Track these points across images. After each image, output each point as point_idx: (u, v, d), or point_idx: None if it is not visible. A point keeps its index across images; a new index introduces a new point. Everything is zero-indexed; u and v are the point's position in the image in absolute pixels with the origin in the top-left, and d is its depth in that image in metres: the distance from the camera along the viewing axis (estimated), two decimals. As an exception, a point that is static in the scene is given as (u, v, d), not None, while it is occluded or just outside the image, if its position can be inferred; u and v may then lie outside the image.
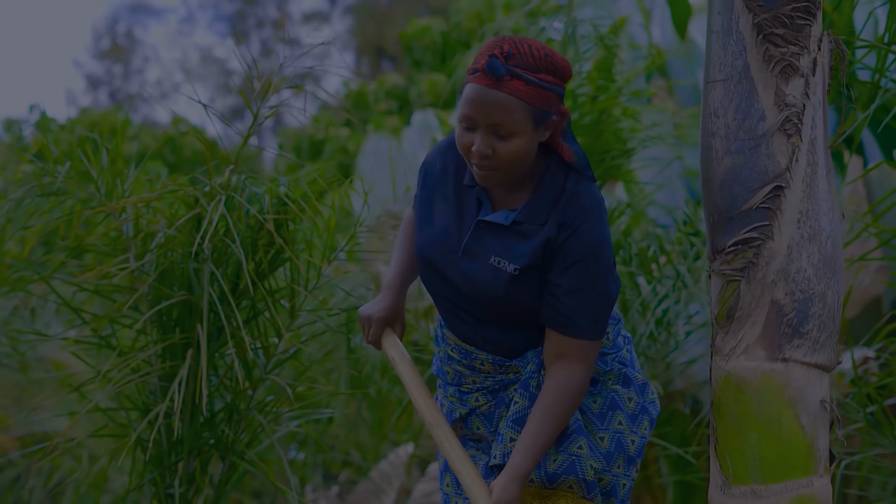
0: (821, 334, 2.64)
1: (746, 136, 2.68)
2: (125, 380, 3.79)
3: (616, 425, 2.75)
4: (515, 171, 2.64)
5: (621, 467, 2.75)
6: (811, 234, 2.65)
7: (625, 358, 2.82)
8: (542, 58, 2.56)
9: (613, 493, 2.74)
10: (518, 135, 2.56)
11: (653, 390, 2.85)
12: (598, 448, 2.73)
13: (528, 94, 2.54)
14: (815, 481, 2.61)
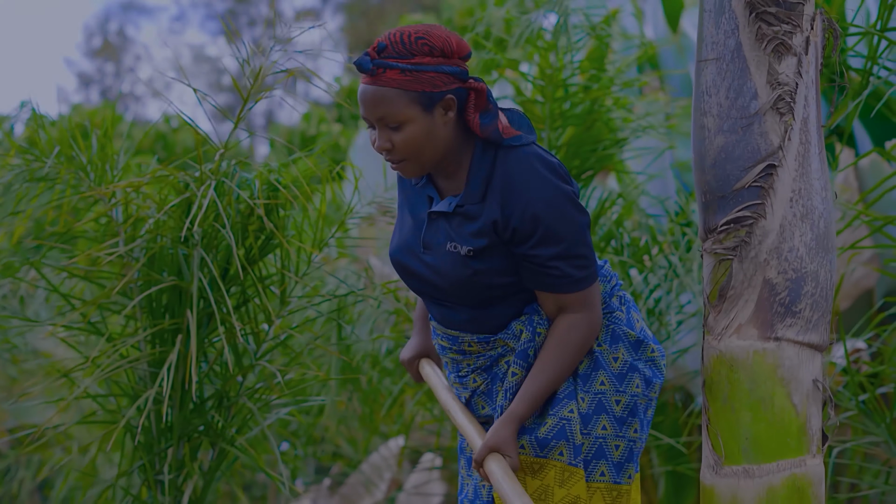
0: (813, 313, 2.63)
1: (739, 115, 2.67)
2: (114, 366, 3.77)
3: (598, 386, 2.68)
4: (430, 158, 2.65)
5: (608, 428, 2.67)
6: (804, 212, 2.64)
7: (618, 318, 2.75)
8: (414, 42, 2.57)
9: (602, 456, 2.66)
10: (408, 122, 2.58)
11: (653, 348, 2.75)
12: (578, 408, 2.68)
13: (404, 81, 2.55)
14: (808, 461, 2.60)
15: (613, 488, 2.66)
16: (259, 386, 3.95)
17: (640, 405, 2.71)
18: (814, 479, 2.61)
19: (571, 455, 2.65)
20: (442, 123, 2.62)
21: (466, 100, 2.64)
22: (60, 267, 3.95)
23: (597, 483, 2.66)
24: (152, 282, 3.78)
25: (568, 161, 5.39)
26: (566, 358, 2.65)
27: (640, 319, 2.79)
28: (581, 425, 2.66)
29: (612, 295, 2.77)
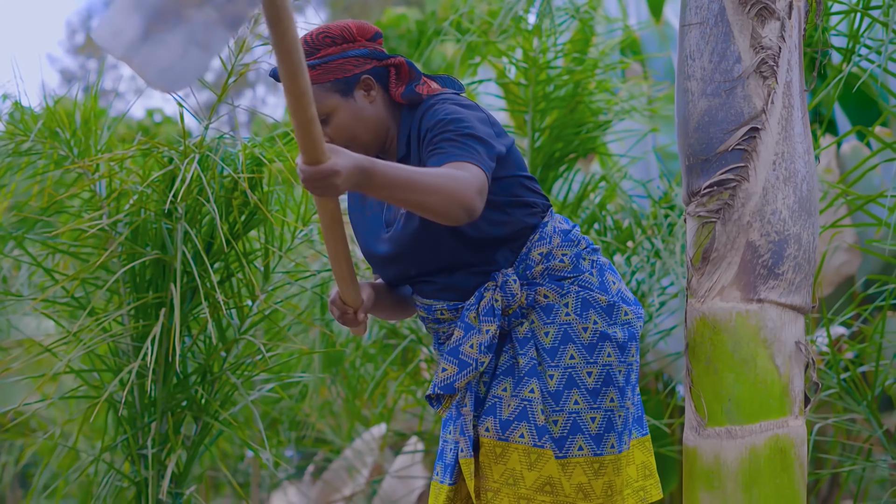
0: (796, 276, 2.65)
1: (722, 79, 2.69)
2: (96, 340, 3.76)
3: (567, 360, 2.64)
4: (367, 139, 2.72)
5: (580, 402, 2.61)
6: (786, 175, 2.66)
7: (590, 282, 2.69)
8: (316, 38, 2.68)
9: (578, 431, 2.61)
10: (333, 113, 2.68)
11: (626, 310, 2.69)
12: (547, 386, 2.63)
13: (316, 76, 2.66)
14: (791, 422, 2.62)
15: (595, 460, 2.61)
16: (243, 361, 3.94)
17: (617, 373, 2.65)
18: (796, 440, 2.62)
19: (535, 436, 2.62)
20: (367, 103, 2.71)
21: (388, 76, 2.72)
22: (43, 241, 3.94)
23: (575, 458, 2.61)
24: (136, 255, 3.78)
25: (551, 144, 5.41)
26: (435, 182, 2.41)
27: (616, 281, 2.74)
28: (552, 402, 2.62)
29: (581, 258, 2.72)
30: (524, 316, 2.69)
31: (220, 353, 3.91)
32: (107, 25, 1.96)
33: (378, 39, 2.74)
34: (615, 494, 2.64)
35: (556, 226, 2.74)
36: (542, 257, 2.69)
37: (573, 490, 2.61)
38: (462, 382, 2.63)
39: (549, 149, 5.40)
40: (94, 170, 3.85)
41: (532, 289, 2.68)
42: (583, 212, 5.43)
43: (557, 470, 2.61)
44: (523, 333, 2.67)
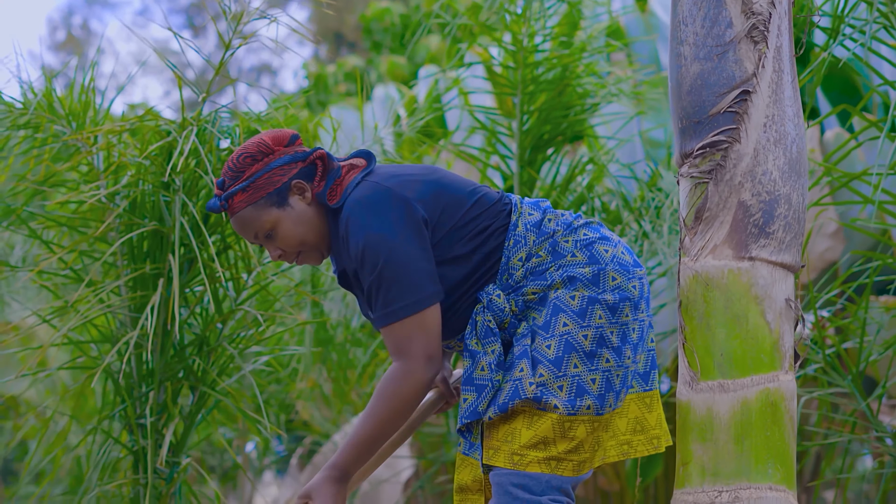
0: (786, 235, 2.72)
1: (714, 43, 2.76)
2: (94, 310, 3.81)
3: (561, 328, 2.70)
4: (315, 240, 2.82)
5: (579, 365, 2.68)
6: (777, 138, 2.73)
7: (573, 262, 2.75)
8: (238, 162, 2.76)
9: (584, 392, 2.67)
10: (276, 226, 2.77)
11: (614, 275, 2.74)
12: (546, 356, 2.69)
13: (249, 197, 2.75)
14: (781, 376, 2.69)
15: (595, 419, 2.69)
16: (239, 333, 4.00)
17: (609, 334, 2.71)
18: (786, 394, 2.69)
19: (534, 401, 2.68)
20: (305, 206, 2.78)
21: (315, 173, 2.81)
22: (42, 215, 3.99)
23: (582, 416, 2.68)
24: (134, 227, 3.83)
25: (539, 126, 5.48)
26: (382, 409, 2.67)
27: (609, 248, 2.79)
28: (554, 369, 2.67)
29: (558, 244, 2.78)
30: (522, 320, 2.76)
31: (216, 324, 3.97)
32: None
33: (297, 141, 2.82)
34: (599, 448, 2.73)
35: (527, 221, 2.79)
36: (521, 262, 2.76)
37: (566, 449, 2.68)
38: (484, 405, 2.71)
39: (538, 131, 5.47)
40: (93, 143, 3.90)
41: (519, 293, 2.75)
42: (571, 194, 5.50)
43: (554, 432, 2.67)
44: (521, 332, 2.74)
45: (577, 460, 2.70)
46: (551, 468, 2.67)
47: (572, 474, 2.69)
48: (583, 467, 2.71)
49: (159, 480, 3.84)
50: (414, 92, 8.65)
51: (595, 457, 2.73)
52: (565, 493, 2.70)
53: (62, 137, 3.91)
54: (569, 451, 2.68)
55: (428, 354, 2.68)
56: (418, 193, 2.74)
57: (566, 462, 2.68)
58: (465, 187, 2.82)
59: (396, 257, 2.67)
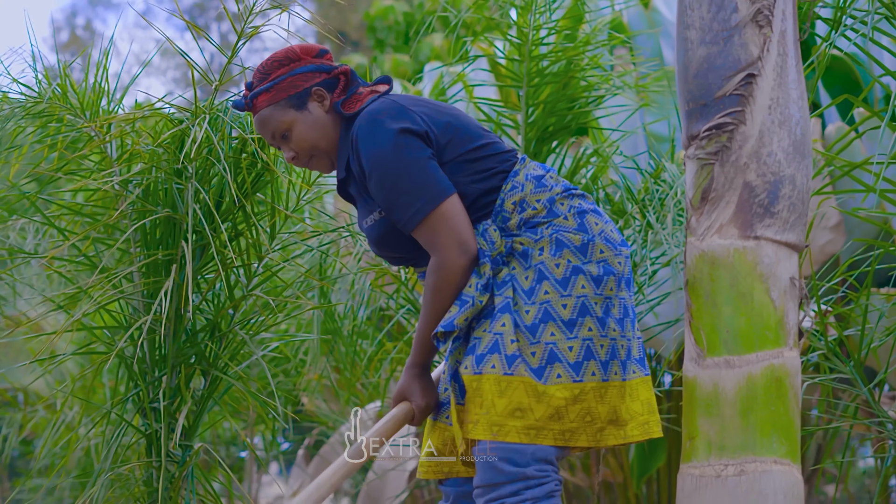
0: (790, 215, 2.78)
1: (720, 28, 2.82)
2: (107, 296, 3.87)
3: (542, 296, 2.75)
4: (327, 147, 3.00)
5: (556, 333, 2.72)
6: (781, 120, 2.80)
7: (562, 226, 2.81)
8: (267, 65, 3.01)
9: (556, 360, 2.71)
10: (292, 127, 2.98)
11: (602, 248, 2.81)
12: (524, 321, 2.75)
13: (271, 97, 2.98)
14: (786, 353, 2.75)
15: (574, 387, 2.71)
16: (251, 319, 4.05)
17: (593, 304, 2.75)
18: (790, 370, 2.76)
19: (504, 365, 2.73)
20: (323, 113, 2.98)
21: (338, 87, 3.00)
22: (56, 202, 4.05)
23: (554, 385, 2.71)
24: (147, 213, 3.89)
25: (544, 119, 5.54)
26: (431, 301, 2.83)
27: (599, 223, 2.85)
28: (529, 336, 2.73)
29: (556, 202, 2.84)
30: (505, 263, 2.83)
31: (228, 310, 4.03)
32: None
33: (325, 55, 3.02)
34: (597, 421, 2.74)
35: (529, 172, 2.88)
36: (515, 206, 2.84)
37: (545, 416, 2.70)
38: (461, 319, 2.78)
39: (543, 123, 5.53)
40: (106, 132, 3.96)
41: (509, 239, 2.83)
42: (575, 185, 5.55)
43: (528, 397, 2.70)
44: (502, 278, 2.81)
45: (559, 429, 2.71)
46: (531, 438, 2.70)
47: (554, 443, 2.71)
48: (570, 438, 2.72)
49: (172, 463, 3.89)
50: (419, 88, 8.71)
51: (588, 430, 2.73)
52: (550, 463, 2.73)
53: (76, 126, 3.96)
54: (549, 419, 2.70)
55: (458, 242, 2.79)
56: (430, 118, 2.88)
57: (546, 431, 2.70)
58: (479, 129, 2.95)
59: (407, 161, 2.81)
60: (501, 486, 2.71)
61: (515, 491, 2.69)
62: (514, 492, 2.70)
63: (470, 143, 2.90)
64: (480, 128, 2.96)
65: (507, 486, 2.70)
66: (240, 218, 4.03)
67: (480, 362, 2.75)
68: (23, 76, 4.13)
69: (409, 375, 2.90)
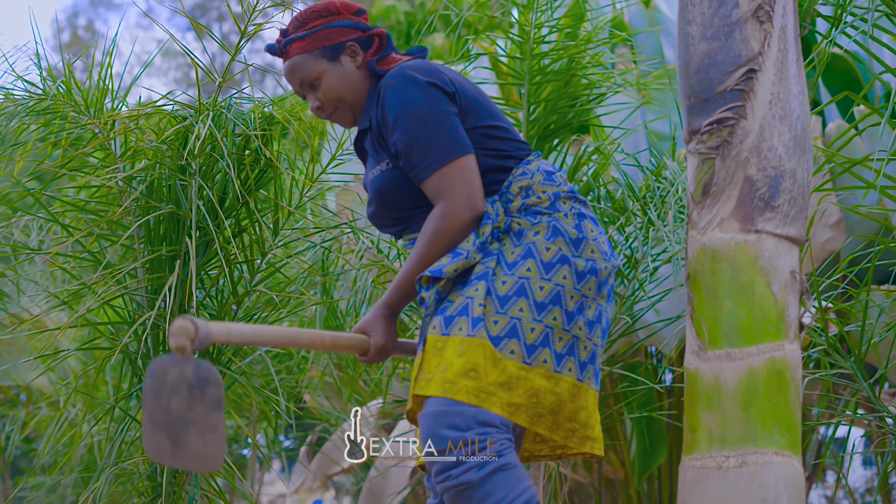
0: (791, 208, 2.80)
1: (721, 23, 2.84)
2: (111, 292, 3.89)
3: (523, 271, 2.76)
4: (353, 101, 3.03)
5: (525, 311, 2.72)
6: (782, 114, 2.81)
7: (563, 222, 2.83)
8: (305, 14, 3.04)
9: (514, 335, 2.70)
10: (322, 77, 3.01)
11: (594, 248, 2.83)
12: (497, 291, 2.74)
13: (305, 45, 3.00)
14: (786, 345, 2.77)
15: (522, 367, 2.69)
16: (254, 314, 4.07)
17: (568, 297, 2.75)
18: (791, 363, 2.77)
19: (469, 326, 2.71)
20: (354, 68, 3.03)
21: (370, 46, 3.05)
22: (60, 198, 4.07)
23: (507, 358, 2.69)
24: (151, 210, 3.91)
25: (546, 116, 5.56)
26: (425, 247, 2.82)
27: (594, 230, 2.87)
28: (498, 305, 2.72)
29: (560, 198, 2.87)
30: (498, 240, 2.84)
31: (231, 306, 4.05)
32: (150, 447, 2.54)
33: (362, 15, 3.07)
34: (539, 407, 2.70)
35: (541, 166, 2.91)
36: (520, 190, 2.86)
37: (497, 382, 2.67)
38: (451, 268, 2.78)
39: (545, 121, 5.55)
40: (110, 128, 3.98)
41: (509, 218, 2.85)
42: (577, 183, 5.58)
43: (485, 360, 2.68)
44: (491, 249, 2.82)
45: (507, 400, 2.68)
46: (479, 400, 2.65)
47: (500, 412, 2.66)
48: (514, 413, 2.68)
49: (176, 458, 3.91)
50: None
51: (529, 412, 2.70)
52: (491, 426, 2.66)
53: (80, 123, 3.99)
54: (499, 386, 2.67)
55: (468, 195, 2.81)
56: (459, 84, 2.94)
57: (495, 398, 2.66)
58: (500, 113, 3.00)
59: (434, 112, 2.84)
60: (443, 454, 2.65)
61: (456, 460, 2.64)
62: (455, 461, 2.64)
63: (490, 119, 2.95)
64: (501, 113, 3.01)
65: (448, 455, 2.65)
66: (243, 214, 4.05)
67: (449, 324, 2.74)
68: (27, 74, 4.16)
69: (376, 313, 2.89)
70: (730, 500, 2.69)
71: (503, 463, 2.64)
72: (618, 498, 7.30)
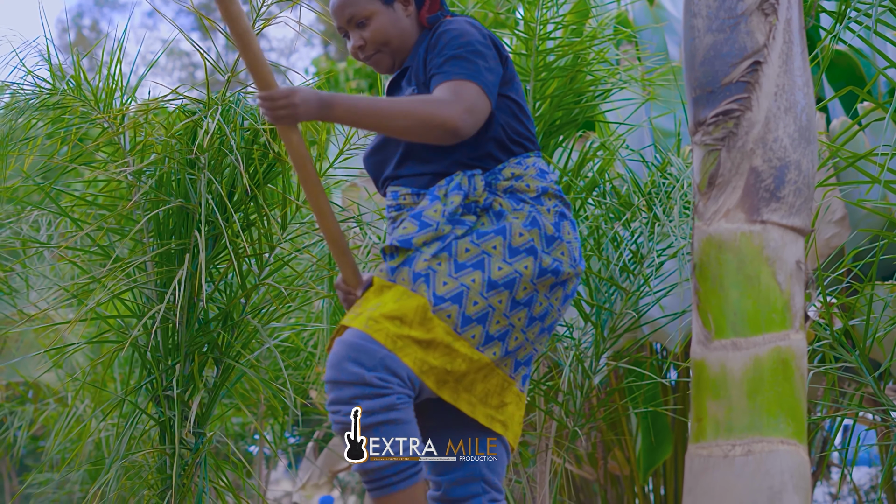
0: (796, 199, 2.83)
1: (726, 16, 2.87)
2: (121, 285, 3.92)
3: (489, 247, 2.75)
4: (397, 48, 3.00)
5: (476, 283, 2.69)
6: (787, 106, 2.84)
7: (544, 217, 2.83)
8: None
9: (458, 301, 2.68)
10: (373, 16, 2.96)
11: (564, 251, 2.82)
12: (457, 257, 2.73)
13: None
14: (792, 335, 2.79)
15: (451, 333, 2.67)
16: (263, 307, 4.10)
17: (521, 286, 2.74)
18: (797, 352, 2.80)
19: (410, 281, 2.69)
20: (404, 16, 3.01)
21: (423, 2, 3.04)
22: (69, 192, 4.10)
23: (439, 321, 2.67)
24: (160, 204, 3.94)
25: (552, 113, 5.58)
26: (404, 107, 2.73)
27: (571, 233, 2.87)
28: (452, 270, 2.70)
29: (546, 194, 2.87)
30: (476, 215, 2.82)
31: (240, 299, 4.08)
32: None
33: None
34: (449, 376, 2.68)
35: (538, 163, 2.92)
36: (511, 176, 2.86)
37: (417, 338, 2.63)
38: (419, 239, 2.75)
39: (550, 117, 5.57)
40: (119, 123, 4.02)
41: (492, 195, 2.84)
42: (582, 179, 5.61)
43: (415, 314, 2.65)
44: (466, 220, 2.79)
45: (423, 357, 2.63)
46: (395, 347, 2.60)
47: (412, 365, 2.61)
48: (427, 373, 2.64)
49: (185, 451, 3.94)
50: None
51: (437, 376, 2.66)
52: (395, 375, 2.59)
53: (90, 118, 4.02)
54: (419, 341, 2.63)
55: (468, 109, 2.76)
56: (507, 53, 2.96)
57: (410, 349, 2.61)
58: (526, 103, 3.05)
59: (483, 53, 2.84)
60: (339, 387, 2.58)
61: (350, 398, 2.56)
62: (349, 398, 2.56)
63: (520, 98, 2.97)
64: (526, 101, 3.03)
65: (343, 390, 2.57)
66: (252, 208, 4.08)
67: (394, 272, 2.73)
68: (36, 70, 4.19)
69: (317, 94, 2.71)
70: (736, 488, 2.72)
71: (394, 417, 2.59)
72: (623, 494, 7.32)
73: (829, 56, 4.33)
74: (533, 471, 5.04)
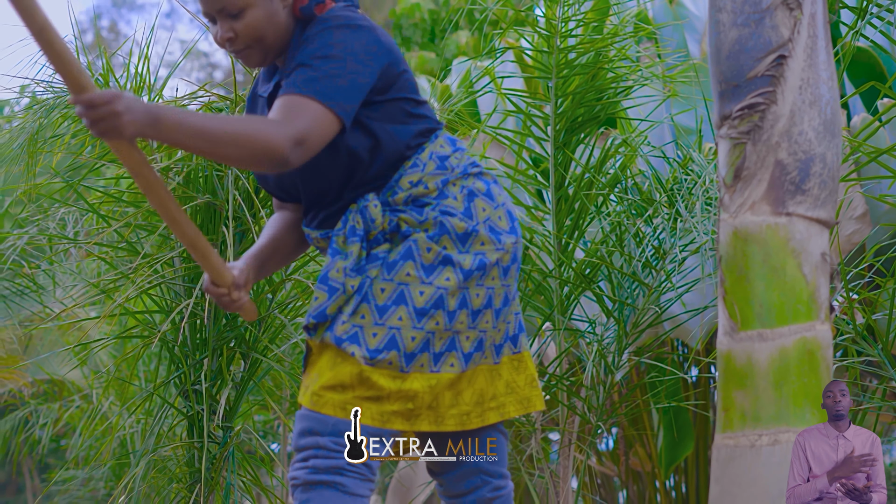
0: (821, 192, 2.85)
1: (752, 10, 2.89)
2: (150, 281, 3.97)
3: (403, 276, 2.58)
4: (272, 43, 2.65)
5: (405, 319, 2.56)
6: (812, 100, 2.86)
7: (452, 208, 2.66)
8: None
9: (394, 347, 2.55)
10: (248, 8, 2.59)
11: (484, 240, 2.65)
12: (375, 300, 2.57)
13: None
14: (817, 326, 2.82)
15: (398, 377, 2.56)
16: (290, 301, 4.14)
17: (449, 296, 2.60)
18: (822, 343, 2.82)
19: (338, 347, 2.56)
20: (282, 9, 2.63)
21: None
22: (98, 189, 4.15)
23: (381, 370, 2.55)
24: (188, 200, 3.99)
25: (573, 110, 5.61)
26: (233, 132, 2.40)
27: (487, 208, 2.69)
28: (376, 316, 2.56)
29: (450, 183, 2.69)
30: (388, 241, 2.65)
31: (266, 294, 4.12)
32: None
33: None
34: (418, 409, 2.60)
35: (435, 151, 2.71)
36: (409, 186, 2.66)
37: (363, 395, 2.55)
38: (332, 308, 2.59)
39: (572, 114, 5.60)
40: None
41: (395, 215, 2.65)
42: (604, 175, 5.64)
43: (351, 378, 2.56)
44: (376, 253, 2.62)
45: (379, 409, 2.56)
46: (346, 413, 2.53)
47: (371, 422, 2.54)
48: (391, 421, 2.58)
49: (213, 444, 3.99)
50: (446, 83, 8.80)
51: (405, 416, 2.59)
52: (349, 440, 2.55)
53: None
54: (366, 399, 2.54)
55: (299, 140, 2.45)
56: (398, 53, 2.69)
57: (363, 407, 2.53)
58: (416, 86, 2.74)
59: (339, 57, 2.54)
60: (298, 451, 2.58)
61: (305, 458, 2.56)
62: (303, 458, 2.56)
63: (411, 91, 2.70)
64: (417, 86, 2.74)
65: (301, 453, 2.57)
66: (278, 204, 4.12)
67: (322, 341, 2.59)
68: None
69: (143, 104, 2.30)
70: (762, 477, 2.74)
71: (339, 482, 2.57)
72: (645, 489, 7.35)
73: (851, 52, 4.35)
74: (556, 466, 5.07)
